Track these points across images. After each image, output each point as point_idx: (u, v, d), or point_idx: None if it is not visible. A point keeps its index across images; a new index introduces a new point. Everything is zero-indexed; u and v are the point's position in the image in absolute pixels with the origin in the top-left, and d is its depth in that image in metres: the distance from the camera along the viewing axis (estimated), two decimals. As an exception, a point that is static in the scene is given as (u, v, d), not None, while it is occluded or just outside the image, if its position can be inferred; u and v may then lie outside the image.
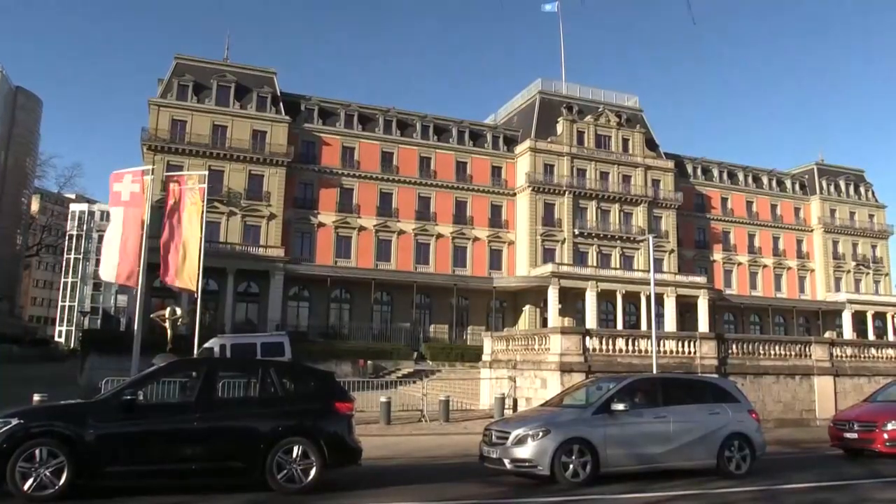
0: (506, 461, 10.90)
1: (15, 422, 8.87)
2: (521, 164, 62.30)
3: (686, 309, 58.94)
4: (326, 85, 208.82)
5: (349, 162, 58.25)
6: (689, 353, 22.59)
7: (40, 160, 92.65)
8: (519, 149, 63.04)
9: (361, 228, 57.47)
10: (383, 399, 20.52)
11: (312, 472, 9.63)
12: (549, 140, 62.36)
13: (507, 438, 10.98)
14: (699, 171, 71.41)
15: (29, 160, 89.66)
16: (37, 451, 8.67)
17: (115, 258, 17.76)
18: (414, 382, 30.62)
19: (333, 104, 60.15)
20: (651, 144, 66.83)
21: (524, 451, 10.73)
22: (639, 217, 63.91)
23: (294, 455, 9.60)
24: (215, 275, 47.23)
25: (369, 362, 42.02)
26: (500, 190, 62.21)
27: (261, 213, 54.08)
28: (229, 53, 60.40)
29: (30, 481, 8.58)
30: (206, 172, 25.05)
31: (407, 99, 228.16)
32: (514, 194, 62.28)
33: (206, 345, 26.76)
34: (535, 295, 57.38)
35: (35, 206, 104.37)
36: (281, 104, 56.60)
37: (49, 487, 8.64)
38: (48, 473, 8.64)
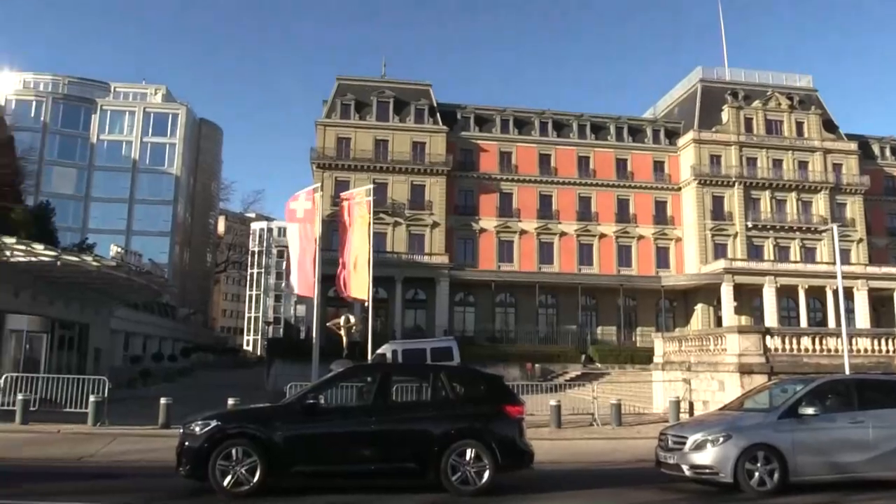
0: (684, 467, 10.42)
1: (213, 424, 9.64)
2: (685, 157, 59.78)
3: (881, 303, 53.78)
4: (481, 92, 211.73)
5: (507, 166, 58.60)
6: (887, 351, 20.60)
7: (223, 184, 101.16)
8: (682, 141, 60.57)
9: (523, 232, 57.57)
10: (553, 402, 20.33)
11: (486, 474, 9.70)
12: (713, 130, 59.41)
13: (684, 443, 10.50)
14: (887, 152, 65.02)
15: (214, 185, 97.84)
16: (233, 451, 9.36)
17: (296, 272, 19.07)
18: (582, 385, 30.14)
19: (489, 111, 60.82)
20: (829, 126, 61.84)
21: (704, 457, 10.21)
22: (819, 205, 59.27)
23: (467, 458, 9.71)
24: (384, 283, 49.08)
25: (537, 365, 41.91)
26: (663, 185, 60.07)
27: (424, 222, 55.63)
28: (386, 70, 62.91)
29: (228, 478, 9.29)
30: (371, 186, 26.09)
31: (561, 100, 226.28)
32: (679, 189, 59.87)
33: (379, 350, 27.83)
34: (707, 293, 54.75)
35: (221, 226, 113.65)
36: (438, 115, 58.01)
37: (245, 484, 9.30)
38: (244, 471, 9.31)
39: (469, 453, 9.73)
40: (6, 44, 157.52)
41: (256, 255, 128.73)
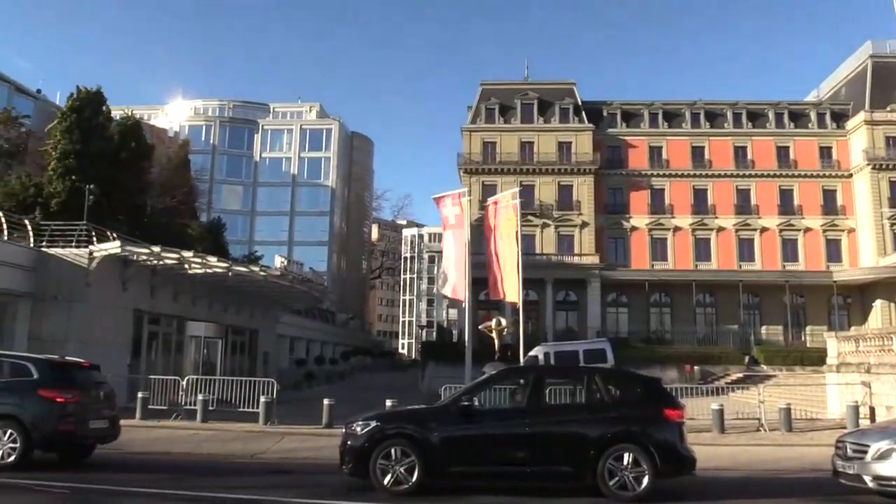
0: (866, 478, 9.54)
1: (373, 424, 10.00)
2: (856, 141, 55.13)
3: None
4: (626, 87, 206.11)
5: (657, 162, 56.68)
6: None
7: (376, 194, 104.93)
8: (851, 124, 55.91)
9: (676, 229, 55.42)
10: (714, 406, 19.38)
11: (645, 480, 9.41)
12: (888, 109, 54.35)
13: (866, 452, 9.62)
14: None
15: (367, 195, 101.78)
16: (392, 451, 9.65)
17: (450, 276, 19.48)
18: (746, 388, 28.52)
19: (636, 105, 59.11)
20: None
21: (890, 468, 9.31)
22: None
23: (625, 462, 9.47)
24: (534, 285, 48.89)
25: (695, 367, 40.19)
26: (831, 172, 55.73)
27: (573, 223, 54.92)
28: (529, 72, 62.75)
29: (388, 477, 9.58)
30: (518, 189, 26.11)
31: (712, 89, 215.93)
32: (850, 175, 55.30)
33: (531, 353, 27.76)
34: (888, 288, 50.07)
35: (374, 234, 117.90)
36: (583, 113, 57.11)
37: (404, 483, 9.56)
38: (402, 471, 9.57)
39: (627, 458, 9.47)
40: (179, 75, 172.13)
41: (408, 261, 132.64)
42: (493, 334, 29.53)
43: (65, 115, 36.79)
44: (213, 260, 26.03)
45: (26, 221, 24.85)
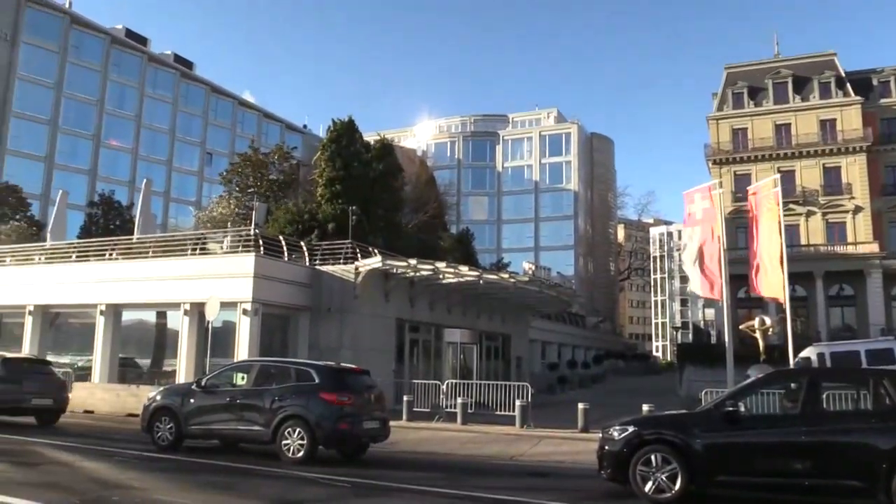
0: None
1: (631, 429, 9.69)
2: None
3: None
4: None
5: (948, 131, 49.13)
6: None
7: (618, 193, 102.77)
8: None
9: (975, 207, 47.58)
10: None
11: (954, 500, 8.10)
12: None
13: None
14: None
15: (610, 195, 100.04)
16: (652, 457, 9.28)
17: (698, 274, 18.44)
18: None
19: (914, 70, 51.75)
20: None
21: None
22: None
23: (926, 480, 8.22)
24: (801, 280, 44.64)
25: None
26: None
27: (843, 208, 49.34)
28: (779, 48, 57.69)
29: (649, 484, 9.22)
30: (777, 175, 24.05)
31: None
32: None
33: (803, 354, 25.33)
34: None
35: (620, 235, 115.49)
36: (847, 85, 51.17)
37: (666, 491, 9.13)
38: (664, 478, 9.16)
39: (927, 474, 8.21)
40: (424, 97, 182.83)
41: (658, 261, 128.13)
42: (757, 334, 27.49)
43: (326, 145, 40.72)
44: (464, 269, 27.17)
45: (302, 243, 27.78)
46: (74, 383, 23.67)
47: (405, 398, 21.79)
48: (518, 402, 20.04)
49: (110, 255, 28.03)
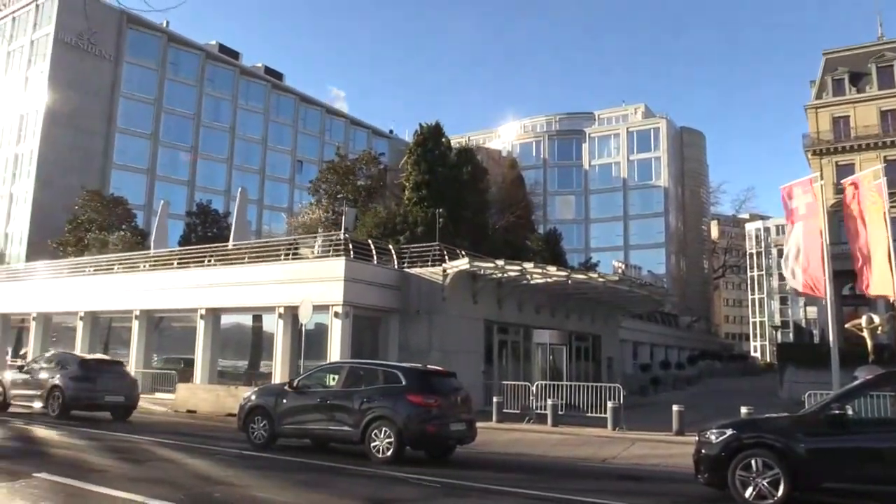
0: None
1: (729, 432, 9.31)
2: None
3: None
4: None
5: None
6: None
7: (711, 189, 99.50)
8: None
9: None
10: None
11: None
12: None
13: None
14: None
15: (703, 191, 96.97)
16: (752, 462, 8.89)
17: (799, 271, 17.64)
18: None
19: None
20: None
21: None
22: None
23: None
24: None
25: None
26: None
27: (959, 198, 46.20)
28: (883, 30, 54.58)
29: (749, 489, 8.83)
30: (880, 166, 22.75)
31: None
32: None
33: (914, 353, 23.91)
34: None
35: (714, 231, 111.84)
36: (963, 65, 47.88)
37: (768, 497, 8.72)
38: (766, 484, 8.75)
39: None
40: (508, 97, 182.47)
41: (755, 257, 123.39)
42: (865, 333, 26.09)
43: (412, 150, 41.22)
44: (552, 269, 26.94)
45: (390, 246, 28.20)
46: (178, 384, 24.82)
47: (494, 399, 21.77)
48: (609, 404, 19.71)
49: (209, 261, 29.22)
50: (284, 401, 14.22)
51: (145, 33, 66.84)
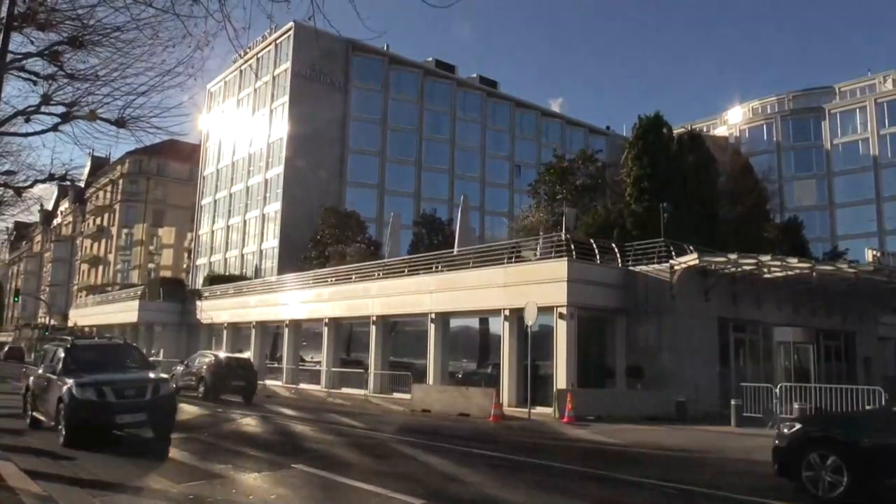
0: None
1: (798, 426, 9.75)
2: None
3: None
4: None
5: None
6: None
7: None
8: None
9: None
10: None
11: None
12: None
13: None
14: None
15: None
16: (817, 455, 9.06)
17: None
18: None
19: None
20: None
21: None
22: None
23: None
24: None
25: None
26: None
27: None
28: None
29: (815, 482, 9.06)
30: None
31: None
32: None
33: None
34: None
35: None
36: None
37: (832, 491, 8.84)
38: (831, 477, 8.89)
39: None
40: (731, 81, 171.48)
41: None
42: None
43: (632, 144, 40.02)
44: (793, 261, 24.73)
45: (612, 245, 27.51)
46: (412, 385, 26.15)
47: (732, 402, 20.44)
48: (868, 409, 17.68)
49: (436, 268, 30.52)
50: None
51: (369, 58, 71.66)
